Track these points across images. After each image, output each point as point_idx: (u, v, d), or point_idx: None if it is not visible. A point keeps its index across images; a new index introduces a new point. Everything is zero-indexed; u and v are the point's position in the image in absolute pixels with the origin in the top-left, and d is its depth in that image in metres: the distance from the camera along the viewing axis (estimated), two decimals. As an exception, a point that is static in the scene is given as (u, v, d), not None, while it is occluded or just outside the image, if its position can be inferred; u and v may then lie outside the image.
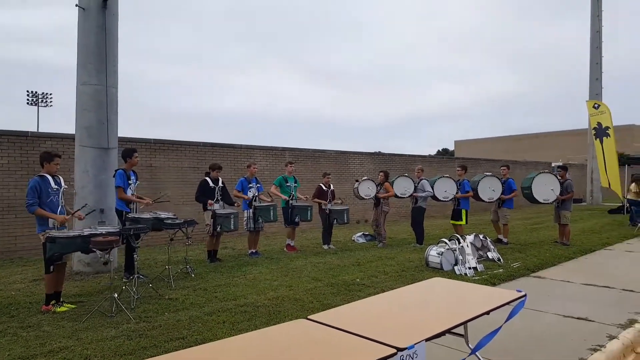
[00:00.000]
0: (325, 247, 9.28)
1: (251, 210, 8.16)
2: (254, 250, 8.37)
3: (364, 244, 10.04)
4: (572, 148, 37.29)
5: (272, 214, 8.19)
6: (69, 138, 8.73)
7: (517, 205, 11.40)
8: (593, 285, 6.17)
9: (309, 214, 8.82)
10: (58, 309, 4.92)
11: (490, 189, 9.58)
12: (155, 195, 7.59)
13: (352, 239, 10.54)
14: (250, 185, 8.27)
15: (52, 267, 4.95)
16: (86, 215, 5.79)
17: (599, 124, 17.70)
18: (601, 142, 17.56)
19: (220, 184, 7.80)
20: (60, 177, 5.32)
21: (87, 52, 7.03)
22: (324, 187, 9.36)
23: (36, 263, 7.65)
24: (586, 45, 22.44)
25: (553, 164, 23.28)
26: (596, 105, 18.15)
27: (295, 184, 8.93)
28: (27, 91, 53.78)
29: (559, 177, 9.42)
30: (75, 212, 5.47)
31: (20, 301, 5.30)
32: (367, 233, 10.77)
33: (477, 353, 3.13)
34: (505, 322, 3.15)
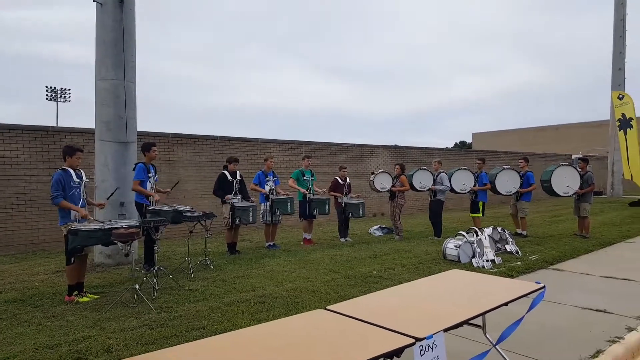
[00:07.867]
0: (342, 240, 9.29)
1: (268, 203, 8.22)
2: (271, 243, 8.44)
3: (380, 236, 10.02)
4: (593, 140, 36.44)
5: (289, 206, 8.24)
6: (89, 132, 8.89)
7: (536, 197, 11.24)
8: (612, 278, 6.06)
9: (327, 207, 8.83)
10: (81, 299, 5.04)
11: (508, 182, 9.46)
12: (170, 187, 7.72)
13: (369, 231, 10.52)
14: (267, 178, 8.33)
15: (72, 259, 5.07)
16: (111, 195, 6.04)
17: (624, 115, 17.34)
18: (625, 133, 17.19)
19: (238, 177, 7.86)
20: (82, 170, 5.43)
21: (105, 48, 7.13)
22: (340, 181, 9.35)
23: (58, 255, 7.83)
24: (609, 37, 21.88)
25: (573, 156, 22.80)
26: (620, 96, 17.75)
27: (312, 178, 8.95)
28: (46, 87, 54.90)
29: (579, 170, 9.24)
30: (104, 201, 5.68)
31: (44, 292, 5.44)
32: (384, 226, 10.75)
33: (497, 346, 3.12)
34: (527, 313, 3.13)
